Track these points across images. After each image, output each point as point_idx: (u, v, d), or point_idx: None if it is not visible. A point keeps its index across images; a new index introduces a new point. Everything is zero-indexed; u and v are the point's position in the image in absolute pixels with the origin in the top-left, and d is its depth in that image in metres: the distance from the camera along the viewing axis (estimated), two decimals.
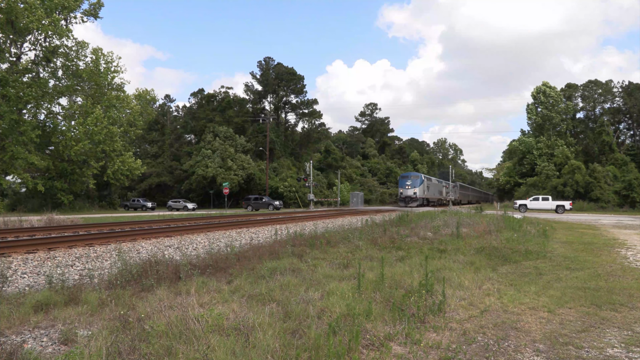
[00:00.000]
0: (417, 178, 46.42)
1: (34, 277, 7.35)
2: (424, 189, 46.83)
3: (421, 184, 46.25)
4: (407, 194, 45.61)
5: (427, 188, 48.29)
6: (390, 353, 3.94)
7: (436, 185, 55.99)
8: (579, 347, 4.22)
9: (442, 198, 57.45)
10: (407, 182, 45.97)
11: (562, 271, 8.04)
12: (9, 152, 34.00)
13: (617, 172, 54.89)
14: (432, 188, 52.50)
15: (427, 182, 49.16)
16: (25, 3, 33.68)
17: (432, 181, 53.79)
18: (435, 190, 54.20)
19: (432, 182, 53.51)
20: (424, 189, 47.21)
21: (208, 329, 4.15)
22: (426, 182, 48.46)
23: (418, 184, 45.56)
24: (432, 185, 52.72)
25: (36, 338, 4.29)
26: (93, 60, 42.26)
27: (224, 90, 73.66)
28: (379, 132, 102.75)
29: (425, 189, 47.78)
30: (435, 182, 56.19)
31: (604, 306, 5.64)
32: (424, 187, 47.37)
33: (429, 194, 50.24)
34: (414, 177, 46.99)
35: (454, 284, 6.64)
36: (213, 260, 8.17)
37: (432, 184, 53.52)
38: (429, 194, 50.24)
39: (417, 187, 45.13)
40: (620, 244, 12.60)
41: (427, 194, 48.76)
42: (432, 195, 52.27)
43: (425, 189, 47.32)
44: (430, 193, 50.59)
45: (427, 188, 48.29)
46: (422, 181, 46.69)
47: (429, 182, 51.04)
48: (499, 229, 14.68)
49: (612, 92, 70.92)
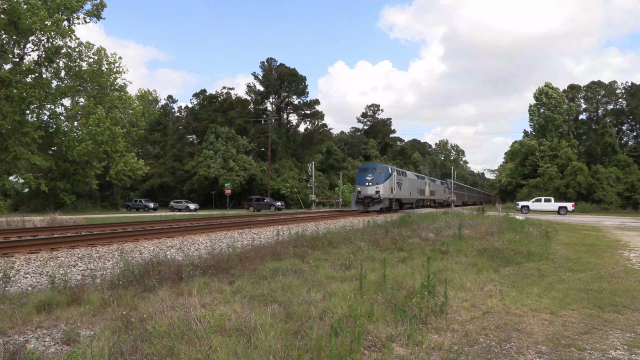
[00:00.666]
0: (382, 171, 32.74)
1: (37, 277, 7.37)
2: (391, 186, 33.50)
3: (387, 180, 32.57)
4: (367, 193, 31.84)
5: (397, 185, 34.96)
6: (392, 354, 3.93)
7: (414, 182, 42.41)
8: (582, 349, 4.21)
9: (424, 199, 46.56)
10: (367, 176, 32.49)
11: (565, 273, 8.01)
12: (12, 152, 34.10)
13: (619, 174, 54.73)
14: (408, 186, 39.32)
15: (397, 176, 35.57)
16: (28, 4, 33.78)
17: (406, 176, 39.75)
18: (412, 188, 41.05)
19: (406, 177, 39.51)
20: (392, 186, 33.83)
21: (210, 329, 4.15)
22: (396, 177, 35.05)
23: (382, 179, 31.99)
24: (407, 182, 38.98)
25: (39, 338, 4.30)
26: (95, 61, 42.37)
27: (226, 91, 73.88)
28: (380, 133, 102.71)
29: (395, 186, 34.38)
30: (412, 178, 42.58)
31: (607, 308, 5.63)
32: (392, 183, 33.82)
33: (403, 193, 37.36)
34: (377, 170, 33.08)
35: (456, 285, 6.63)
36: (215, 260, 8.18)
37: (408, 179, 39.85)
38: (403, 193, 37.36)
39: (380, 183, 31.68)
40: (623, 246, 12.56)
41: (398, 194, 35.55)
42: (408, 194, 39.14)
43: (394, 186, 34.04)
44: (404, 192, 37.62)
45: (397, 185, 34.96)
46: (388, 175, 32.92)
47: (401, 177, 37.27)
48: (501, 231, 14.66)
49: (615, 93, 70.82)
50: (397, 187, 35.23)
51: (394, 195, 34.35)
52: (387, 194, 32.69)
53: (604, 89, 71.36)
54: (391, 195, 33.64)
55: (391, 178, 33.77)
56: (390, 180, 33.40)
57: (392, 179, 34.09)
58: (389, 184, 33.02)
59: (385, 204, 32.40)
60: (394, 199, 34.97)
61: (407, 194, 38.94)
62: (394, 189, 34.35)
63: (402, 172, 39.20)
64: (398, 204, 36.92)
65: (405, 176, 39.41)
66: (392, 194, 33.77)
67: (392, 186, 33.75)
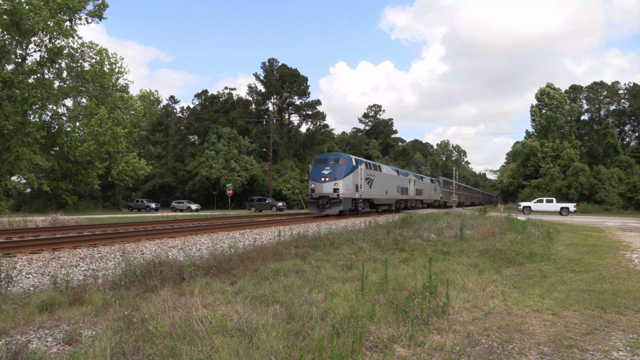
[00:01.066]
0: (344, 163, 25.16)
1: (39, 277, 7.38)
2: (357, 182, 25.98)
3: (350, 174, 25.06)
4: (322, 192, 24.74)
5: (365, 182, 27.47)
6: (393, 355, 3.93)
7: (392, 179, 34.33)
8: (584, 350, 4.20)
9: (408, 199, 38.84)
10: (324, 169, 25.14)
11: (567, 274, 8.00)
12: (14, 152, 34.17)
13: (621, 174, 54.62)
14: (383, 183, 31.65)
15: (366, 170, 27.79)
16: (30, 4, 33.86)
17: (380, 171, 31.74)
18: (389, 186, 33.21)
19: (380, 172, 31.57)
20: (359, 182, 26.30)
21: (212, 329, 4.15)
22: (364, 172, 27.25)
23: (343, 174, 24.60)
24: (381, 178, 31.20)
25: (41, 338, 4.31)
26: (97, 62, 42.46)
27: (227, 92, 73.89)
28: (382, 133, 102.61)
29: (362, 183, 26.85)
30: (390, 174, 34.24)
31: (609, 309, 5.61)
32: (358, 179, 26.24)
33: (375, 192, 29.78)
34: (339, 163, 25.31)
35: (458, 286, 6.62)
36: (217, 261, 8.18)
37: (383, 175, 31.98)
38: (375, 192, 29.78)
39: (340, 178, 24.39)
40: (625, 247, 12.53)
41: (367, 192, 28.12)
42: (382, 193, 31.54)
43: (360, 182, 26.48)
44: (376, 190, 29.95)
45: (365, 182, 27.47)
46: (352, 168, 25.40)
47: (372, 171, 29.42)
48: (503, 231, 14.65)
49: (617, 93, 70.70)
50: (365, 184, 27.54)
51: (360, 194, 26.69)
52: (350, 192, 25.22)
53: (606, 90, 71.23)
54: (356, 195, 26.07)
55: (356, 172, 26.04)
56: (354, 175, 25.74)
57: (358, 174, 26.39)
58: (352, 179, 25.44)
59: (346, 206, 25.05)
60: (361, 199, 27.23)
61: (381, 192, 31.22)
62: (361, 187, 26.75)
63: (374, 165, 31.26)
64: (368, 205, 29.40)
65: (379, 171, 31.39)
66: (357, 192, 26.19)
67: (357, 182, 26.11)
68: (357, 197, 26.35)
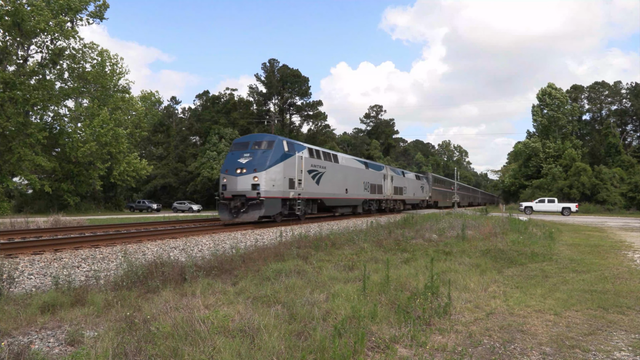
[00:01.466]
0: (269, 149, 18.20)
1: (41, 278, 7.39)
2: (292, 176, 19.22)
3: (279, 163, 18.26)
4: (236, 189, 17.63)
5: (306, 175, 20.50)
6: (395, 355, 3.93)
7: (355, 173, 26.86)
8: (586, 350, 4.19)
9: (379, 199, 31.43)
10: (242, 157, 18.21)
11: (569, 274, 7.99)
12: (16, 153, 34.24)
13: (623, 174, 54.52)
14: (341, 178, 24.49)
15: (307, 160, 20.66)
16: (32, 5, 33.93)
17: (337, 162, 24.44)
18: (348, 181, 25.47)
19: (333, 163, 23.86)
20: (296, 176, 19.52)
21: (213, 330, 4.16)
22: (304, 161, 20.27)
23: (267, 163, 17.72)
24: (336, 171, 24.01)
25: (43, 339, 4.31)
26: (99, 62, 42.53)
27: (228, 92, 74.02)
28: (383, 133, 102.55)
29: (302, 176, 20.08)
30: (349, 165, 26.35)
31: (611, 309, 5.60)
32: (293, 171, 19.38)
33: (324, 190, 22.36)
34: (262, 147, 18.47)
35: (460, 286, 6.62)
36: (218, 261, 8.19)
37: (340, 167, 24.61)
38: (324, 190, 22.36)
39: (262, 169, 17.50)
40: (627, 247, 12.51)
41: (311, 189, 20.95)
42: (339, 191, 24.16)
43: (298, 176, 19.74)
44: (327, 187, 22.68)
45: (306, 175, 20.50)
46: (283, 156, 18.66)
47: (319, 161, 22.10)
48: (505, 231, 14.63)
49: (619, 93, 70.60)
50: (308, 179, 20.43)
51: (300, 191, 19.58)
52: (279, 189, 18.04)
53: (608, 90, 71.14)
54: (291, 193, 18.90)
55: (290, 162, 18.96)
56: (287, 164, 18.67)
57: (295, 164, 19.28)
58: (283, 171, 18.25)
59: (272, 209, 17.79)
60: (300, 198, 19.74)
61: (336, 190, 23.57)
62: (300, 182, 19.58)
63: (325, 154, 23.29)
64: (315, 207, 21.91)
65: (332, 161, 23.63)
66: (294, 189, 19.11)
67: (293, 176, 19.05)
68: (292, 196, 19.02)
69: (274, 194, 17.79)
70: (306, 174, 20.40)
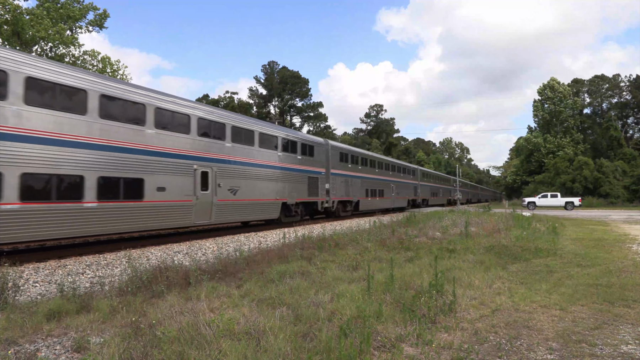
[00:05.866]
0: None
1: (46, 286, 7.41)
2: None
3: None
4: None
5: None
6: (402, 354, 3.93)
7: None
8: (593, 344, 4.18)
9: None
10: None
11: (573, 268, 7.96)
12: None
13: (626, 167, 54.36)
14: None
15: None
16: (31, 14, 34.03)
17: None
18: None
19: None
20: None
21: (219, 333, 4.16)
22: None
23: None
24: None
25: (49, 346, 4.32)
26: (100, 70, 42.60)
27: (228, 96, 73.97)
28: (384, 132, 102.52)
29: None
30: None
31: (617, 303, 5.59)
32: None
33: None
34: None
35: (464, 283, 6.60)
36: (222, 265, 8.19)
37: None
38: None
39: None
40: (632, 240, 12.47)
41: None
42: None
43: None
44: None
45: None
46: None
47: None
48: (508, 227, 14.60)
49: (619, 86, 70.47)
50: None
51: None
52: None
53: (607, 83, 70.99)
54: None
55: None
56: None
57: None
58: None
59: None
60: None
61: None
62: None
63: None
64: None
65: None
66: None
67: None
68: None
69: None
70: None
